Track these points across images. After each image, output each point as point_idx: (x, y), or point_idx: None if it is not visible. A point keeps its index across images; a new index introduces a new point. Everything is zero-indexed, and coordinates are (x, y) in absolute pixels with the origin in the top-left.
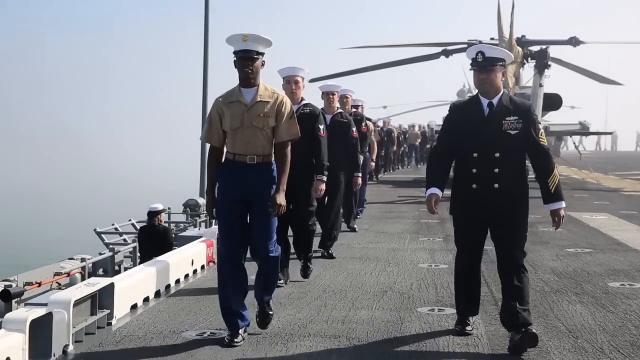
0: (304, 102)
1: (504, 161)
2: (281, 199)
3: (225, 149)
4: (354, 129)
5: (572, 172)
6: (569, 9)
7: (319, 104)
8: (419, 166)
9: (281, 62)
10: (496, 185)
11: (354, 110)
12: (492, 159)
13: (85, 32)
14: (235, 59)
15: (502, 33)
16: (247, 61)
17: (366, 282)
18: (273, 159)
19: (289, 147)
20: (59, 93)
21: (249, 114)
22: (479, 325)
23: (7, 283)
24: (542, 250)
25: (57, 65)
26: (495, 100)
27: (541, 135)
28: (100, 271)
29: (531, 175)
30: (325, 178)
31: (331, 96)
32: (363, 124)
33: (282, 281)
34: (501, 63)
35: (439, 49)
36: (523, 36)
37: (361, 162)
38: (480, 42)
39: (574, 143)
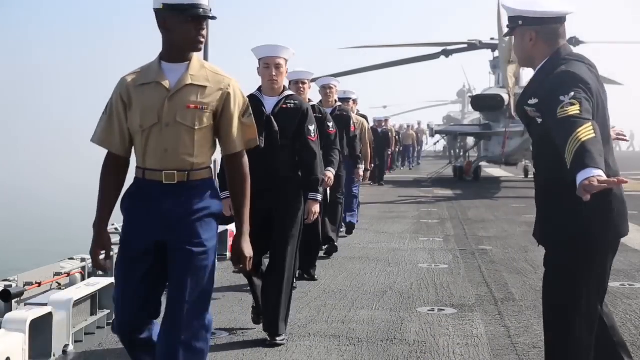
0: (286, 92)
1: None
2: (246, 246)
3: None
4: (330, 123)
5: None
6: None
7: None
8: (410, 168)
9: None
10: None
11: (339, 104)
12: None
13: (84, 32)
14: (168, 16)
15: (502, 33)
16: (200, 25)
17: (366, 282)
18: (207, 175)
19: (245, 161)
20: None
21: (172, 104)
22: (479, 325)
23: (7, 283)
24: (542, 250)
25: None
26: None
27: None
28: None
29: (531, 175)
30: (320, 197)
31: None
32: (351, 122)
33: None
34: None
35: (439, 49)
36: None
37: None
38: (480, 42)
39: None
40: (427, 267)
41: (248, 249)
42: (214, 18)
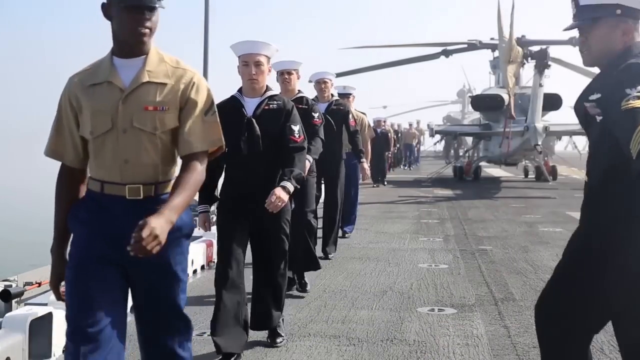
0: (269, 93)
1: None
2: (159, 224)
3: (88, 172)
4: (316, 114)
5: (572, 172)
6: (569, 9)
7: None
8: (411, 168)
9: None
10: None
11: (335, 99)
12: None
13: (84, 32)
14: (112, 2)
15: (502, 33)
16: (140, 14)
17: (366, 282)
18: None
19: (204, 168)
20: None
21: (127, 106)
22: (479, 325)
23: (7, 283)
24: (542, 250)
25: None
26: None
27: None
28: None
29: (531, 175)
30: (290, 187)
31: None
32: (350, 116)
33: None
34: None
35: (439, 49)
36: (523, 36)
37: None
38: (480, 42)
39: (574, 143)
40: (427, 267)
41: (160, 229)
42: (160, 7)
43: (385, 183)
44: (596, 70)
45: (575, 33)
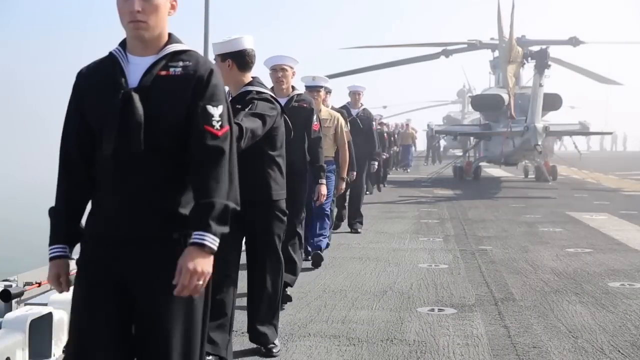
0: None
1: None
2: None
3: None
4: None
5: (572, 172)
6: (569, 9)
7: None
8: (408, 170)
9: None
10: None
11: (297, 92)
12: None
13: (84, 32)
14: None
15: (502, 33)
16: None
17: (366, 282)
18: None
19: None
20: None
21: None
22: (479, 325)
23: (7, 283)
24: (542, 250)
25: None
26: None
27: None
28: None
29: (531, 175)
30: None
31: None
32: (314, 117)
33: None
34: None
35: (439, 49)
36: (523, 36)
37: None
38: (480, 42)
39: (574, 143)
40: (427, 267)
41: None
42: None
43: (384, 186)
44: (596, 70)
45: (575, 32)
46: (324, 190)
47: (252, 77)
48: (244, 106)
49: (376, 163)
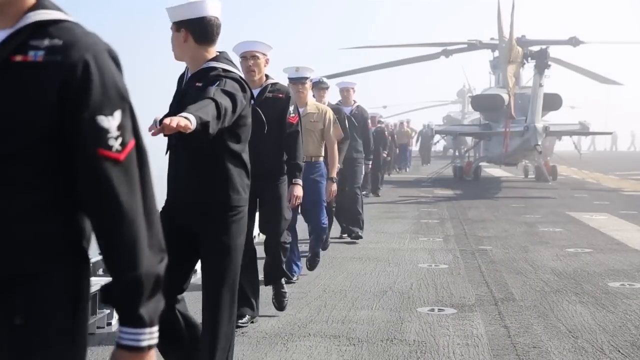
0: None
1: None
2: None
3: None
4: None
5: (572, 172)
6: (569, 9)
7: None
8: (406, 170)
9: (282, 63)
10: None
11: (271, 82)
12: None
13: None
14: None
15: (502, 33)
16: None
17: (366, 282)
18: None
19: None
20: None
21: None
22: (479, 325)
23: None
24: (542, 250)
25: None
26: None
27: None
28: (100, 271)
29: (531, 175)
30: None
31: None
32: (291, 109)
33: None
34: None
35: (439, 49)
36: (523, 36)
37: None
38: (480, 42)
39: (574, 143)
40: (427, 267)
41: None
42: None
43: (379, 188)
44: (597, 70)
45: (575, 32)
46: (297, 191)
47: (217, 52)
48: (206, 84)
49: (370, 163)
